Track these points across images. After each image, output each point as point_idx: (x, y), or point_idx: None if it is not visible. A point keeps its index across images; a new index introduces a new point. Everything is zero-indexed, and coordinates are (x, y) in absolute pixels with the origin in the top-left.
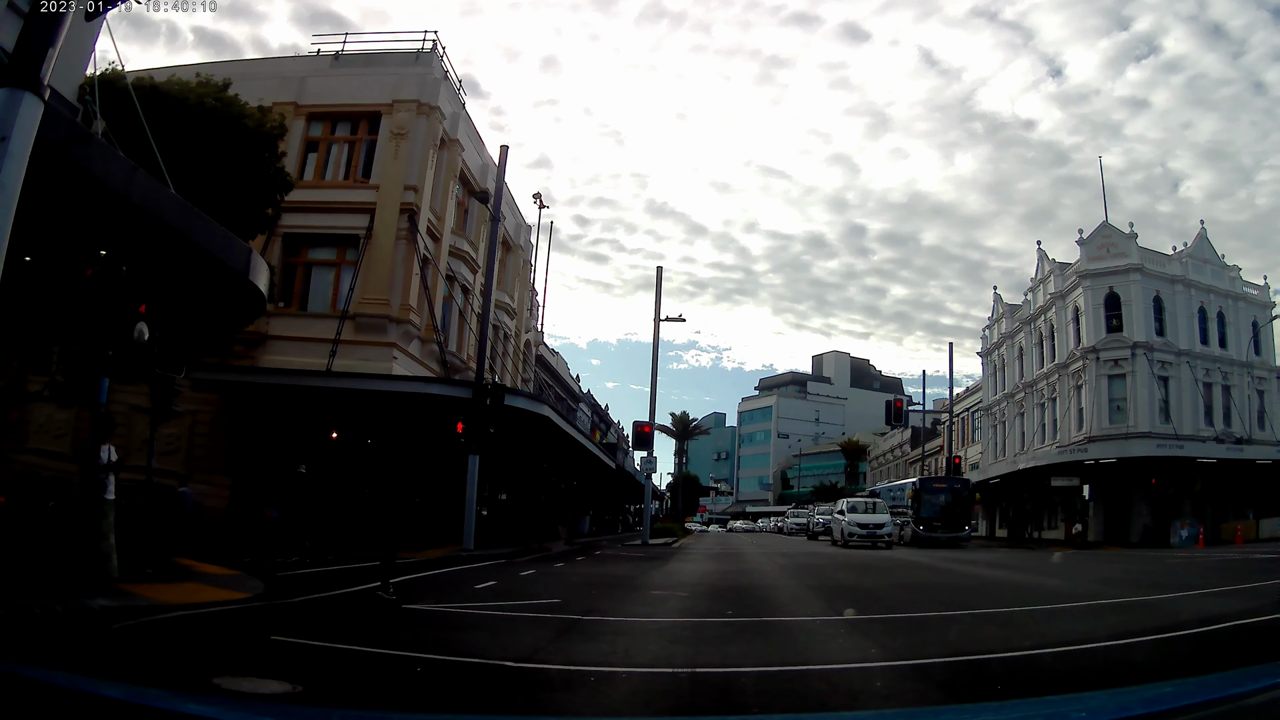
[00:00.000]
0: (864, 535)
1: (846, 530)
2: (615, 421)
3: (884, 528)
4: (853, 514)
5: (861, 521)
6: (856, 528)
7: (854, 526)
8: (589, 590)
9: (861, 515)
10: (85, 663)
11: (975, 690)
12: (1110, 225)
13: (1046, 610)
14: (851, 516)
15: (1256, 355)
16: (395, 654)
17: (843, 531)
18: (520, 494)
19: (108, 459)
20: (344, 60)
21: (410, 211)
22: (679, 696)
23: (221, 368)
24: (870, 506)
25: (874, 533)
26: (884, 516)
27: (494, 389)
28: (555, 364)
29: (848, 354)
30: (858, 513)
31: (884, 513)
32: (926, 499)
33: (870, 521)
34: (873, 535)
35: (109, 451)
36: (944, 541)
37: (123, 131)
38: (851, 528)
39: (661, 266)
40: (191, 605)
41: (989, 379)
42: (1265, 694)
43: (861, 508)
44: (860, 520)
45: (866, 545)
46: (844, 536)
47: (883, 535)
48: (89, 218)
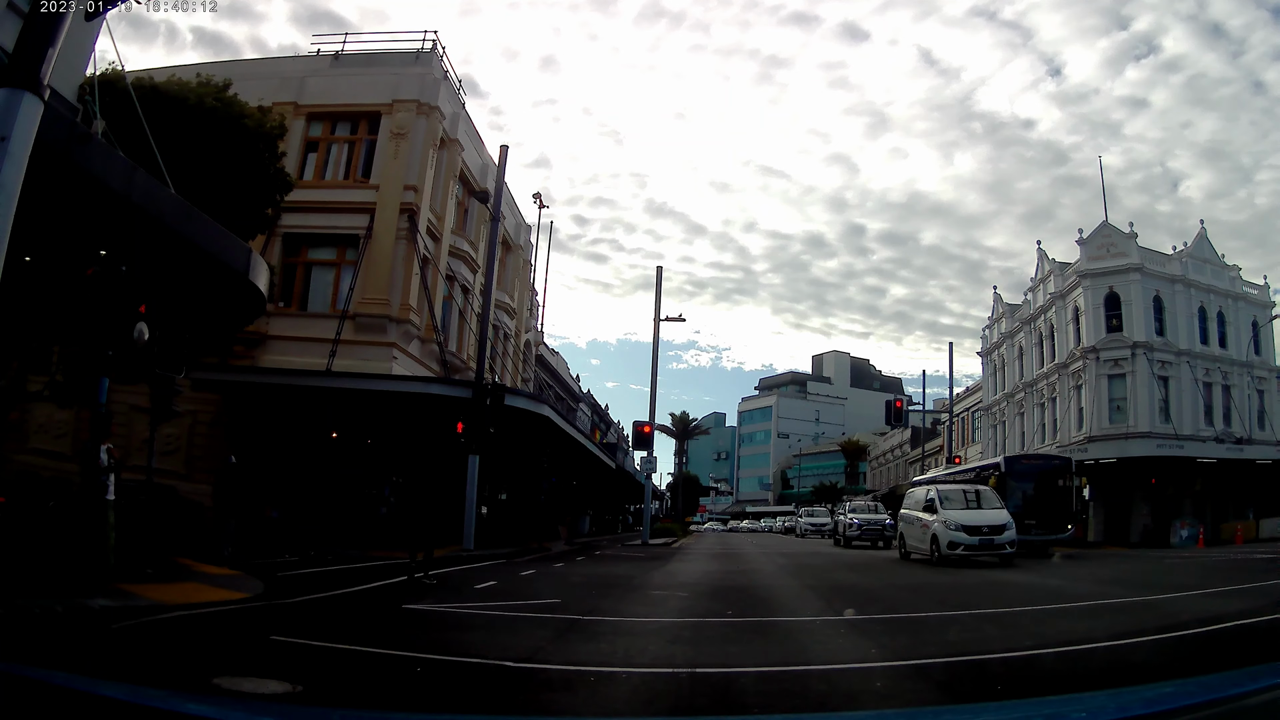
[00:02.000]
0: (973, 545)
1: (942, 536)
2: (615, 421)
3: (1005, 531)
4: (949, 509)
5: (968, 522)
6: (960, 532)
7: (955, 531)
8: (589, 590)
9: (965, 512)
10: (85, 663)
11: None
12: (1110, 225)
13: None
14: (949, 514)
15: (1256, 355)
16: (395, 654)
17: (933, 539)
18: (520, 494)
19: (107, 459)
20: (344, 60)
21: (410, 211)
22: (679, 697)
23: (221, 368)
24: (974, 497)
25: (989, 539)
26: (1002, 514)
27: (494, 389)
28: (555, 364)
29: (848, 354)
30: (955, 506)
31: (998, 505)
32: (1017, 487)
33: (982, 522)
34: (988, 544)
35: (107, 451)
36: (1038, 547)
37: (123, 131)
38: (951, 533)
39: (661, 266)
40: (191, 605)
41: (989, 379)
42: (1265, 694)
43: (959, 499)
44: (965, 520)
45: (975, 559)
46: (933, 547)
47: (1003, 544)
48: (89, 218)
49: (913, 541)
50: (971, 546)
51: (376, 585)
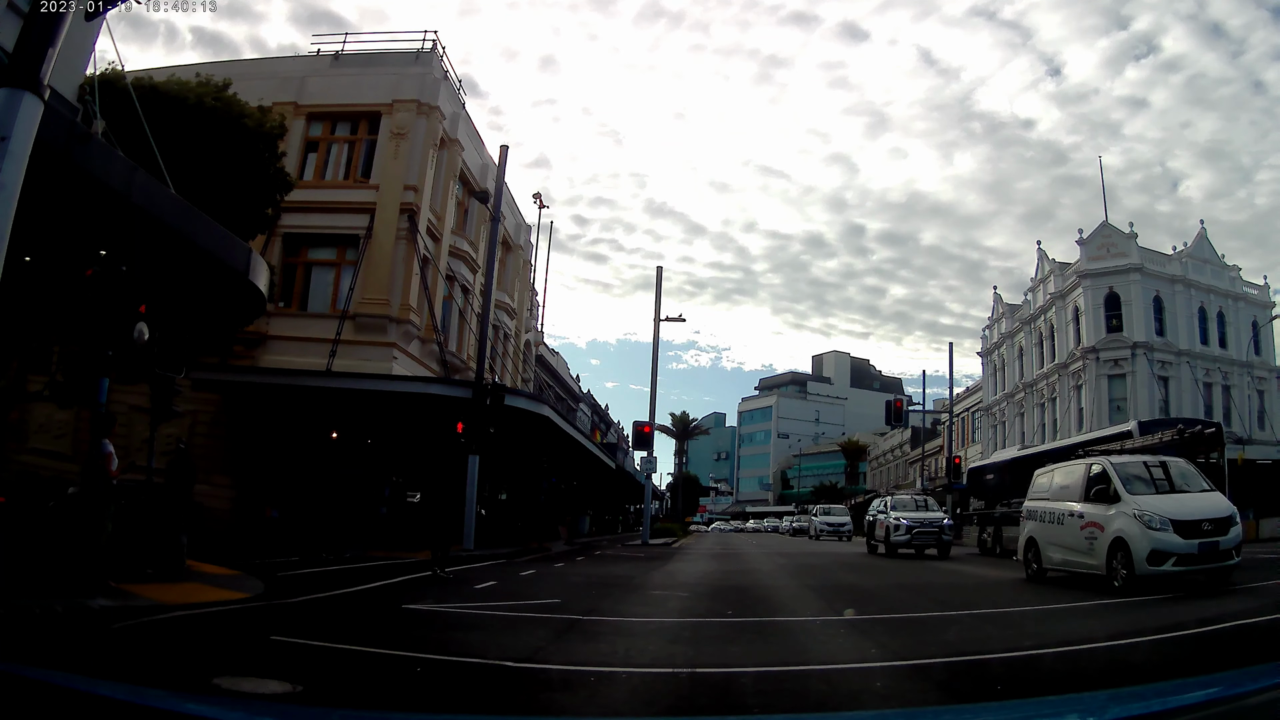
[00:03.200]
0: (1191, 555)
1: (1138, 542)
2: (615, 421)
3: (1231, 529)
4: (1140, 493)
5: (1179, 514)
6: (1168, 533)
7: (1160, 531)
8: (589, 590)
9: (1164, 498)
10: (85, 663)
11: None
12: (1110, 225)
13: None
14: (1145, 502)
15: (1256, 355)
16: (395, 654)
17: (1115, 549)
18: (520, 494)
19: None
20: (344, 60)
21: (410, 211)
22: (679, 696)
23: (221, 368)
24: (1162, 474)
25: (1212, 545)
26: (1218, 501)
27: (494, 389)
28: (555, 364)
29: (848, 354)
30: (1144, 490)
31: (1205, 486)
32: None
33: (1198, 515)
34: (1212, 552)
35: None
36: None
37: (123, 131)
38: (1155, 534)
39: (661, 266)
40: (191, 605)
41: (989, 379)
42: (1265, 694)
43: (1143, 476)
44: (1174, 511)
45: (1191, 579)
46: (1118, 561)
47: (1229, 550)
48: (89, 218)
49: (1058, 551)
50: (1190, 558)
51: (376, 585)
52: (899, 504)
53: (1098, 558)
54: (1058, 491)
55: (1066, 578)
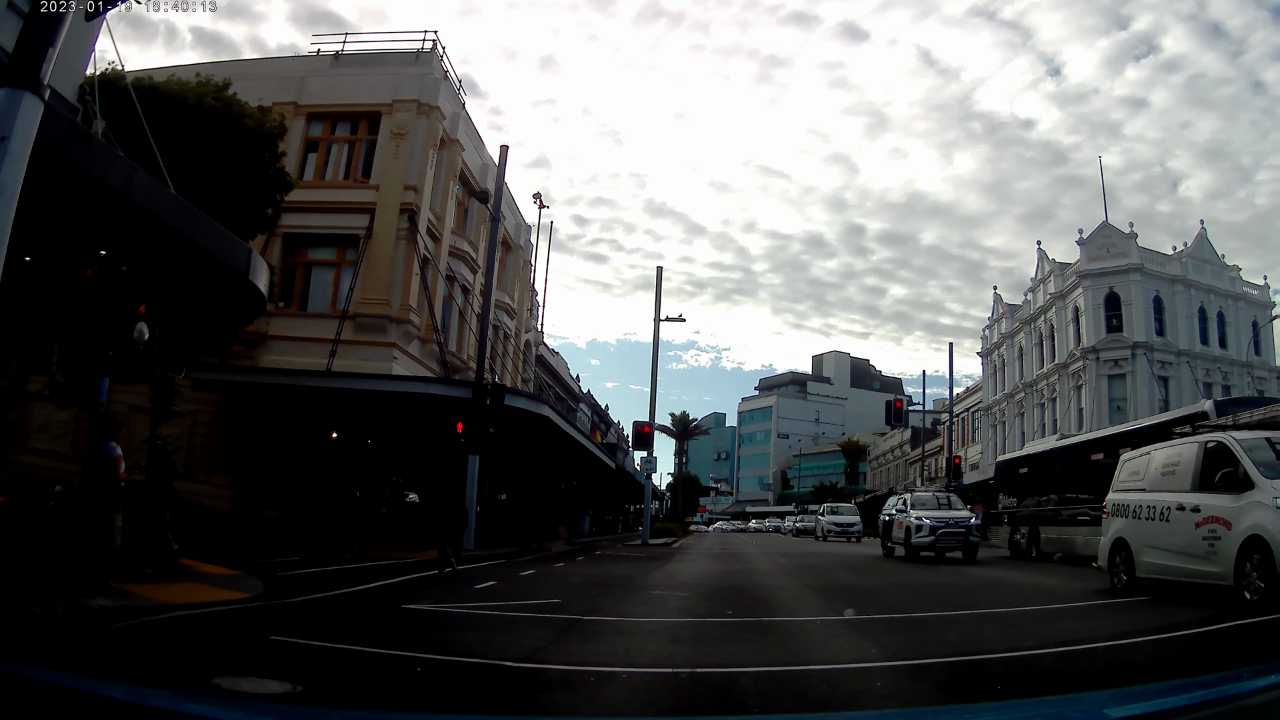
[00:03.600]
0: None
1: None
2: (615, 421)
3: None
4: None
5: None
6: None
7: None
8: (589, 590)
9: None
10: (85, 663)
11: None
12: (1110, 225)
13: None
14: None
15: (1256, 355)
16: (395, 654)
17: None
18: (520, 494)
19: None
20: (344, 60)
21: (410, 211)
22: (679, 697)
23: (221, 368)
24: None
25: None
26: None
27: (494, 389)
28: (555, 364)
29: (848, 354)
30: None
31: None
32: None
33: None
34: None
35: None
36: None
37: (123, 131)
38: None
39: (661, 266)
40: (191, 605)
41: (989, 379)
42: (1265, 694)
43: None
44: None
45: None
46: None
47: None
48: (89, 218)
49: (1159, 555)
50: None
51: (376, 585)
52: (919, 501)
53: (1221, 563)
54: (1156, 479)
55: (1171, 589)
